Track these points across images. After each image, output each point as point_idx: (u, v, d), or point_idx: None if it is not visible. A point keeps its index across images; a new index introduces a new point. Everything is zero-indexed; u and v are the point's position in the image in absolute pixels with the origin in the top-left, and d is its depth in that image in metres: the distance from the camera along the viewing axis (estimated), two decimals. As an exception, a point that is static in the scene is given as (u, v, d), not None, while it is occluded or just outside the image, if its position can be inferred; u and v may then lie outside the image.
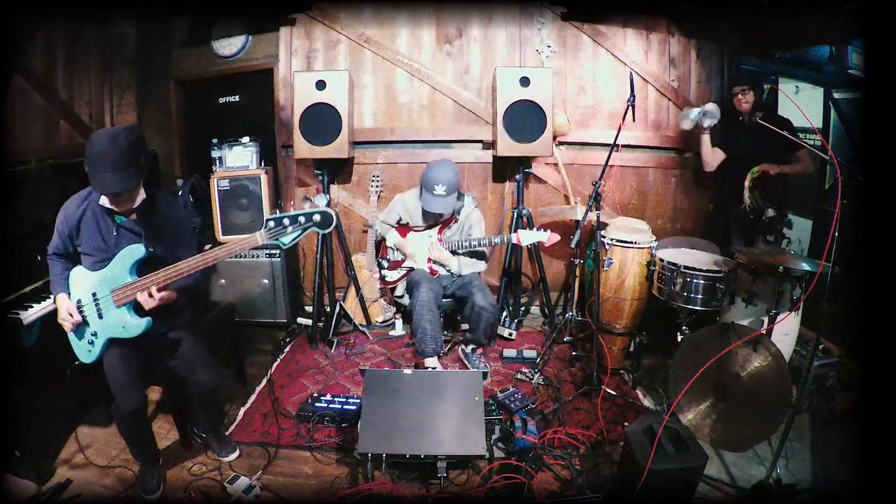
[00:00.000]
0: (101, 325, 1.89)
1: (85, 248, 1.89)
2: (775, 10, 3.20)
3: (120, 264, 1.84)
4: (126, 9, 3.41)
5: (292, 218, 1.79)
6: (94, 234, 1.87)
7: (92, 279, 1.88)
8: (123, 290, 1.84)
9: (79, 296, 1.90)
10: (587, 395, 2.68)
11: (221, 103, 3.86)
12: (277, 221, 1.78)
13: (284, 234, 1.79)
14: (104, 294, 1.86)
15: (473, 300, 2.80)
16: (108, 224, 1.89)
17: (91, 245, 1.88)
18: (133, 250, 1.84)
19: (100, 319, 1.88)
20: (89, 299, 1.88)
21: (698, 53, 3.66)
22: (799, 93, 4.61)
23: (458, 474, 2.11)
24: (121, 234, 1.89)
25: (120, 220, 1.90)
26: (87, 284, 1.89)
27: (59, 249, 1.93)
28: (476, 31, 3.54)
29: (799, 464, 2.17)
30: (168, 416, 2.41)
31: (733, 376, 2.13)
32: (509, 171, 3.57)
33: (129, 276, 1.84)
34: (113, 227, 1.89)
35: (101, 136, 1.73)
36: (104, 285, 1.86)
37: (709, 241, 3.09)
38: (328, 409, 2.46)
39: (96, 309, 1.88)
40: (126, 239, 1.88)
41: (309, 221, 1.79)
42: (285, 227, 1.79)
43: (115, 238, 1.88)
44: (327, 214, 1.80)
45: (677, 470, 1.76)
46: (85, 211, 1.88)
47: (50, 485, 2.04)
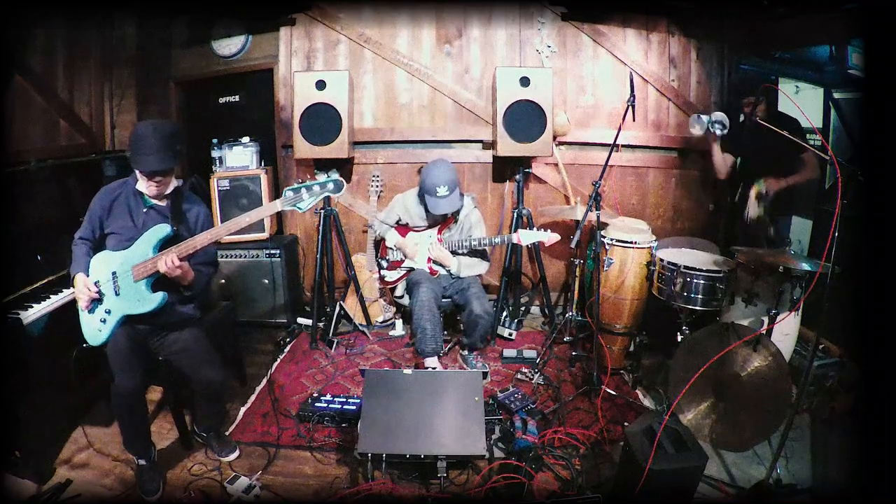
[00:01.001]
0: (116, 301, 1.98)
1: (113, 228, 2.02)
2: (775, 10, 3.20)
3: (145, 242, 1.97)
4: (126, 9, 3.41)
5: (308, 187, 1.98)
6: (125, 214, 2.03)
7: (113, 259, 1.99)
8: (144, 265, 1.95)
9: (97, 277, 1.99)
10: (587, 395, 2.68)
11: (221, 103, 3.87)
12: (295, 191, 1.98)
13: (301, 200, 1.97)
14: (125, 271, 1.97)
15: (470, 308, 2.79)
16: (139, 206, 2.05)
17: (120, 224, 2.02)
18: (160, 228, 1.98)
19: (116, 297, 1.98)
20: (108, 278, 1.98)
21: (698, 53, 3.66)
22: (799, 93, 4.61)
23: (458, 474, 2.12)
24: (149, 216, 2.04)
25: (150, 203, 2.05)
26: (107, 266, 1.99)
27: (87, 235, 2.05)
28: (476, 31, 3.54)
29: (799, 464, 2.17)
30: (168, 415, 2.41)
31: (733, 376, 2.13)
32: (509, 171, 3.57)
33: (152, 253, 1.96)
34: (143, 208, 2.04)
35: (147, 124, 1.95)
36: (125, 263, 1.97)
37: (709, 241, 3.09)
38: (328, 409, 2.46)
39: (114, 286, 1.98)
40: (154, 220, 2.02)
41: (323, 189, 1.98)
42: (301, 195, 1.97)
43: (144, 218, 2.03)
44: (339, 181, 2.01)
45: (677, 470, 1.76)
46: (119, 195, 2.05)
47: (50, 485, 2.04)
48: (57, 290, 2.30)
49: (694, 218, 3.83)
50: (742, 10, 3.42)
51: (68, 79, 3.04)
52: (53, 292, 2.27)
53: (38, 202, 2.50)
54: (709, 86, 3.71)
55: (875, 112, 1.93)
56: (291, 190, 1.97)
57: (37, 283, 2.25)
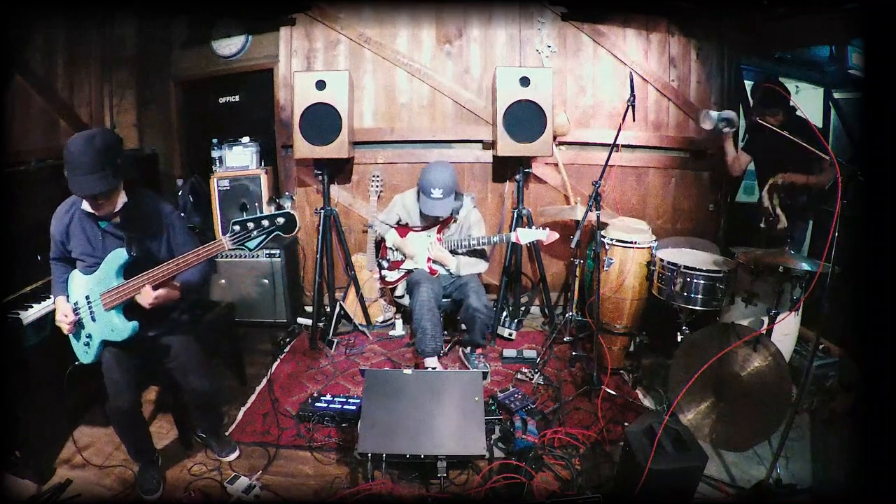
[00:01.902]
0: (94, 327, 1.91)
1: (76, 254, 1.93)
2: (775, 10, 3.20)
3: (107, 268, 1.87)
4: (126, 9, 3.41)
5: (256, 221, 1.78)
6: (82, 239, 1.91)
7: (86, 282, 1.92)
8: (111, 294, 1.86)
9: (76, 298, 1.93)
10: (587, 395, 2.68)
11: (221, 103, 3.86)
12: (242, 226, 1.78)
13: (249, 238, 1.79)
14: (95, 297, 1.89)
15: (468, 302, 2.79)
16: (94, 229, 1.91)
17: (80, 250, 1.92)
18: (117, 255, 1.86)
19: (93, 322, 1.91)
20: (84, 302, 1.91)
21: (698, 53, 3.66)
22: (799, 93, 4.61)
23: (458, 474, 2.11)
24: (106, 238, 1.91)
25: (104, 225, 1.91)
26: (82, 288, 1.92)
27: (57, 254, 1.99)
28: (476, 31, 3.54)
29: (799, 464, 2.17)
30: (168, 415, 2.41)
31: (733, 376, 2.13)
32: (509, 171, 3.57)
33: (115, 280, 1.86)
34: (98, 231, 1.91)
35: (78, 140, 1.73)
36: (95, 289, 1.89)
37: (709, 241, 3.09)
38: (328, 409, 2.46)
39: (90, 311, 1.91)
40: (112, 243, 1.90)
41: (272, 225, 1.79)
42: (249, 231, 1.78)
43: (102, 242, 1.91)
44: (290, 216, 1.80)
45: (677, 470, 1.76)
46: (72, 218, 1.92)
47: (50, 485, 2.04)
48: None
49: (694, 218, 3.83)
50: (742, 10, 3.42)
51: (68, 79, 3.04)
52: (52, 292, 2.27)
53: (38, 202, 2.49)
54: (709, 86, 3.71)
55: (875, 112, 1.93)
56: (238, 223, 1.78)
57: (37, 283, 2.25)
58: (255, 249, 1.81)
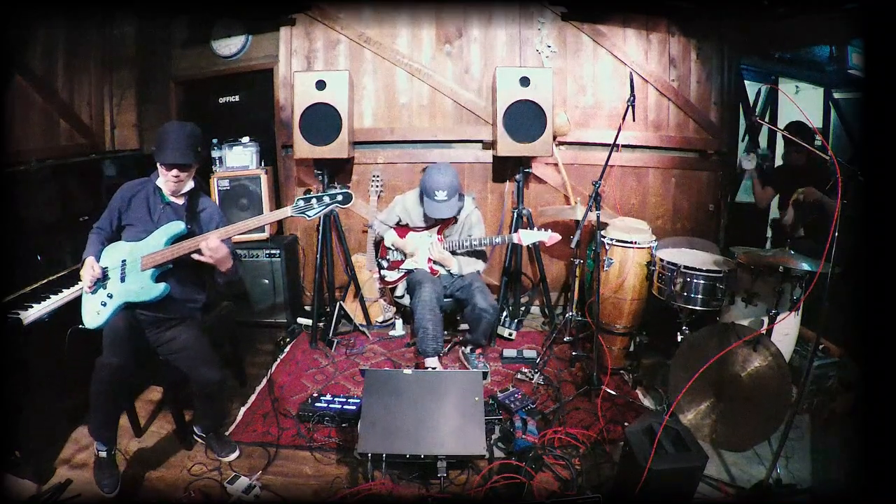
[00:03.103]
0: (120, 287, 2.05)
1: (130, 220, 2.13)
2: (775, 10, 3.20)
3: (159, 236, 2.07)
4: (126, 9, 3.41)
5: (318, 197, 2.09)
6: (143, 208, 2.13)
7: (125, 248, 2.09)
8: (153, 256, 2.04)
9: (106, 263, 2.08)
10: (587, 395, 2.68)
11: (221, 103, 3.86)
12: (306, 200, 2.09)
13: (311, 209, 2.09)
14: (134, 259, 2.05)
15: (475, 302, 2.79)
16: (157, 202, 2.14)
17: (137, 217, 2.12)
18: (174, 225, 2.08)
19: (121, 283, 2.05)
20: (117, 265, 2.07)
21: (698, 53, 3.66)
22: (799, 93, 4.62)
23: (459, 474, 2.11)
24: (165, 212, 2.14)
25: (167, 199, 2.14)
26: (118, 254, 2.09)
27: (104, 226, 2.16)
28: (476, 31, 3.54)
29: (799, 464, 2.17)
30: (168, 415, 2.41)
31: (733, 376, 2.13)
32: (509, 171, 3.57)
33: (163, 247, 2.06)
34: (161, 204, 2.14)
35: (173, 123, 2.12)
36: (136, 253, 2.06)
37: (709, 241, 3.10)
38: (328, 409, 2.46)
39: (121, 272, 2.06)
40: (169, 217, 2.12)
41: (333, 200, 2.09)
42: (312, 204, 2.09)
43: (161, 213, 2.13)
44: (347, 193, 2.11)
45: (677, 470, 1.76)
46: (140, 190, 2.16)
47: (50, 485, 2.04)
48: (57, 290, 2.29)
49: (694, 218, 3.83)
50: (742, 10, 3.42)
51: (68, 79, 3.04)
52: (53, 292, 2.27)
53: (38, 202, 2.50)
54: (709, 86, 3.71)
55: (875, 112, 1.93)
56: (303, 199, 2.09)
57: (37, 283, 2.25)
58: (312, 217, 2.10)
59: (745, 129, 4.24)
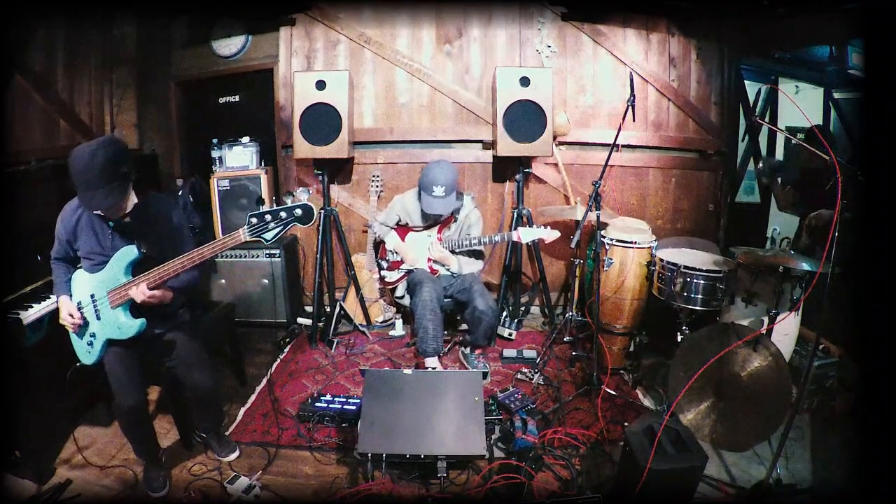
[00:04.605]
0: (99, 326, 1.92)
1: (83, 252, 1.94)
2: (775, 10, 3.20)
3: (115, 266, 1.87)
4: (126, 9, 3.41)
5: (274, 213, 1.76)
6: (91, 237, 1.91)
7: (91, 281, 1.92)
8: (118, 292, 1.86)
9: (79, 298, 1.94)
10: (587, 395, 2.68)
11: (221, 103, 3.86)
12: (259, 218, 1.76)
13: (266, 230, 1.76)
14: (101, 295, 1.90)
15: (475, 304, 2.79)
16: (104, 227, 1.92)
17: (88, 248, 1.92)
18: (127, 252, 1.86)
19: (98, 320, 1.92)
20: (88, 301, 1.92)
21: (698, 53, 3.66)
22: (799, 93, 4.61)
23: (459, 474, 2.11)
24: (115, 237, 1.91)
25: (113, 224, 1.92)
26: (87, 286, 1.93)
27: (60, 254, 1.99)
28: (476, 31, 3.54)
29: (799, 464, 2.17)
30: (168, 415, 2.41)
31: (733, 376, 2.13)
32: (509, 171, 3.57)
33: (124, 278, 1.86)
34: (108, 230, 1.91)
35: (79, 155, 1.71)
36: (101, 287, 1.90)
37: (709, 241, 3.09)
38: (328, 409, 2.46)
39: (94, 310, 1.92)
40: (121, 241, 1.91)
41: (290, 216, 1.76)
42: (267, 223, 1.76)
43: (111, 239, 1.91)
44: (308, 208, 1.77)
45: (677, 470, 1.76)
46: (80, 216, 1.92)
47: (50, 485, 2.04)
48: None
49: (694, 218, 3.83)
50: (742, 10, 3.42)
51: (68, 79, 3.04)
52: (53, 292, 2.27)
53: (38, 202, 2.49)
54: (709, 86, 3.71)
55: (875, 112, 1.93)
56: (255, 216, 1.75)
57: (37, 283, 2.25)
58: (272, 240, 1.78)
59: (746, 129, 4.24)
